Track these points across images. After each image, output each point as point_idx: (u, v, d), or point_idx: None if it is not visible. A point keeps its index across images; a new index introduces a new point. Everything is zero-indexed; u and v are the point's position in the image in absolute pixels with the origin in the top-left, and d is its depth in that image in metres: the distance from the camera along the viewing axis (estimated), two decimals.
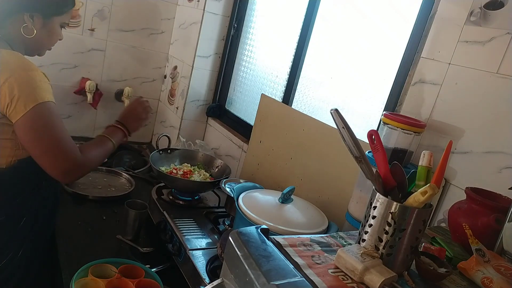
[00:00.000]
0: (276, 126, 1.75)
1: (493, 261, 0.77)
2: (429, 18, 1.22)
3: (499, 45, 1.04)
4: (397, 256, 0.73)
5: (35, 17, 1.20)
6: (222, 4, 2.26)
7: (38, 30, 1.22)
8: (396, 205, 0.71)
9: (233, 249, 0.73)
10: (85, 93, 2.40)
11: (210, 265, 1.25)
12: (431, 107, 1.18)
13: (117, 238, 1.47)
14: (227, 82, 2.36)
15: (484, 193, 0.93)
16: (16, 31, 1.21)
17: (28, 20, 1.20)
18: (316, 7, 1.74)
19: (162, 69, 2.65)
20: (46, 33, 1.26)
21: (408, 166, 1.15)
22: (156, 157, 1.80)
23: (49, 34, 1.26)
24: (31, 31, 1.21)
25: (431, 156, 0.76)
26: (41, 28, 1.23)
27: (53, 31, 1.27)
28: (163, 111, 2.66)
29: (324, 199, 1.47)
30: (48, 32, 1.26)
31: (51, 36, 1.28)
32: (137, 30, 2.48)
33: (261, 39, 2.13)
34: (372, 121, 1.47)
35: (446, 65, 1.15)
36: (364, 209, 0.77)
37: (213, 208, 1.68)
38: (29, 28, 1.21)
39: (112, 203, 1.73)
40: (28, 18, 1.20)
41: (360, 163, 0.76)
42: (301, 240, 0.79)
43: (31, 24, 1.20)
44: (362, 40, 1.56)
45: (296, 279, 0.65)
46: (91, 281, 1.14)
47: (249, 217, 1.19)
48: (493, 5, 1.06)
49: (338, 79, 1.65)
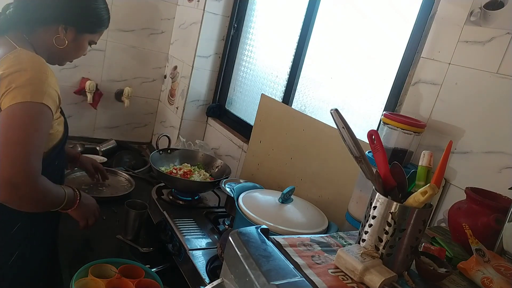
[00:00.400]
0: (276, 126, 1.75)
1: (493, 261, 0.77)
2: (429, 18, 1.22)
3: (499, 45, 1.04)
4: (397, 256, 0.73)
5: (68, 30, 1.24)
6: (222, 4, 2.26)
7: (69, 42, 1.25)
8: (396, 205, 0.71)
9: (233, 249, 0.73)
10: (85, 93, 2.40)
11: (210, 265, 1.25)
12: (431, 107, 1.18)
13: (117, 238, 1.47)
14: (227, 82, 2.36)
15: (484, 193, 0.93)
16: (48, 39, 1.23)
17: (61, 32, 1.22)
18: (316, 7, 1.74)
19: (162, 69, 2.65)
20: (75, 47, 1.29)
21: (408, 166, 1.15)
22: (156, 157, 1.80)
23: (77, 48, 1.30)
24: (62, 42, 1.24)
25: (431, 156, 0.76)
26: (72, 41, 1.26)
27: (81, 46, 1.31)
28: (163, 111, 2.66)
29: (324, 199, 1.47)
30: (77, 46, 1.29)
31: (78, 50, 1.31)
32: (137, 30, 2.48)
33: (261, 39, 2.13)
34: (372, 121, 1.47)
35: (446, 65, 1.15)
36: (364, 209, 0.77)
37: (213, 208, 1.68)
38: (61, 39, 1.24)
39: (112, 203, 1.73)
40: (62, 30, 1.22)
41: (360, 163, 0.76)
42: (301, 240, 0.79)
43: (63, 36, 1.23)
44: (362, 40, 1.56)
45: (296, 279, 0.65)
46: (91, 281, 1.14)
47: (249, 217, 1.19)
48: (493, 5, 1.06)
49: (338, 79, 1.65)
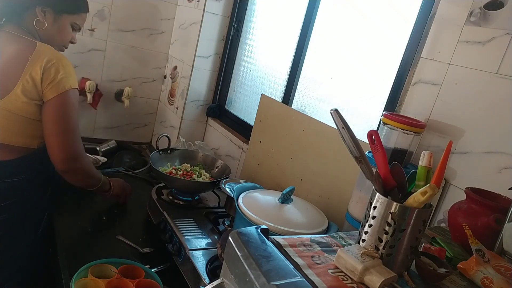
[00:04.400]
0: (276, 126, 1.75)
1: (493, 261, 0.77)
2: (429, 18, 1.22)
3: (499, 45, 1.04)
4: (397, 256, 0.73)
5: (47, 12, 1.31)
6: (222, 4, 2.26)
7: (49, 24, 1.32)
8: (396, 205, 0.71)
9: (233, 249, 0.73)
10: (85, 93, 2.40)
11: (210, 265, 1.25)
12: (431, 107, 1.18)
13: (117, 238, 1.47)
14: (227, 82, 2.36)
15: (484, 193, 0.93)
16: (31, 24, 1.30)
17: (40, 14, 1.30)
18: (316, 7, 1.74)
19: (162, 69, 2.65)
20: (57, 29, 1.35)
21: (408, 166, 1.15)
22: (156, 157, 1.79)
23: (59, 30, 1.36)
24: (42, 25, 1.31)
25: (431, 156, 0.76)
26: (52, 23, 1.33)
27: (63, 28, 1.37)
28: (163, 111, 2.66)
29: (324, 199, 1.47)
30: (58, 28, 1.36)
31: (61, 32, 1.37)
32: (137, 30, 2.48)
33: (261, 39, 2.13)
34: (372, 121, 1.47)
35: (446, 65, 1.15)
36: (364, 209, 0.77)
37: (213, 208, 1.68)
38: (40, 22, 1.31)
39: (112, 203, 1.73)
40: (40, 12, 1.30)
41: (360, 163, 0.76)
42: (301, 240, 0.79)
43: (42, 18, 1.30)
44: (362, 40, 1.56)
45: (296, 279, 0.65)
46: (91, 281, 1.14)
47: (249, 217, 1.19)
48: (493, 5, 1.06)
49: (338, 79, 1.65)
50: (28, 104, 1.26)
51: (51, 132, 1.27)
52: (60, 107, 1.27)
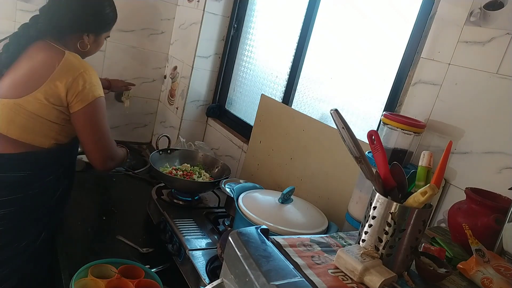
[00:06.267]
0: (276, 126, 1.75)
1: (493, 261, 0.77)
2: (429, 18, 1.22)
3: (499, 46, 1.04)
4: (397, 257, 0.73)
5: (90, 35, 1.46)
6: (222, 4, 2.26)
7: (90, 44, 1.47)
8: (396, 206, 0.71)
9: (233, 249, 0.73)
10: None
11: (210, 265, 1.25)
12: (431, 107, 1.18)
13: (117, 238, 1.47)
14: (227, 82, 2.36)
15: (484, 193, 0.93)
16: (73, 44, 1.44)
17: (85, 38, 1.44)
18: (316, 7, 1.74)
19: (162, 69, 2.65)
20: (95, 46, 1.51)
21: (408, 167, 1.15)
22: (156, 158, 1.79)
23: (97, 46, 1.52)
24: (86, 46, 1.46)
25: (431, 156, 0.76)
26: (93, 43, 1.48)
27: (100, 43, 1.53)
28: (163, 111, 2.66)
29: (324, 199, 1.47)
30: (97, 45, 1.52)
31: (97, 47, 1.53)
32: (137, 30, 2.48)
33: (261, 39, 2.13)
34: (372, 121, 1.47)
35: (446, 66, 1.15)
36: (364, 209, 0.77)
37: (213, 209, 1.67)
38: (84, 44, 1.45)
39: (112, 203, 1.73)
40: (86, 37, 1.44)
41: (360, 163, 0.76)
42: (301, 241, 0.79)
43: (86, 41, 1.45)
44: (362, 40, 1.56)
45: (296, 280, 0.65)
46: (91, 282, 1.14)
47: (249, 218, 1.19)
48: (493, 6, 1.06)
49: (338, 79, 1.65)
50: (47, 106, 1.31)
51: (87, 141, 1.38)
52: (91, 117, 1.36)
